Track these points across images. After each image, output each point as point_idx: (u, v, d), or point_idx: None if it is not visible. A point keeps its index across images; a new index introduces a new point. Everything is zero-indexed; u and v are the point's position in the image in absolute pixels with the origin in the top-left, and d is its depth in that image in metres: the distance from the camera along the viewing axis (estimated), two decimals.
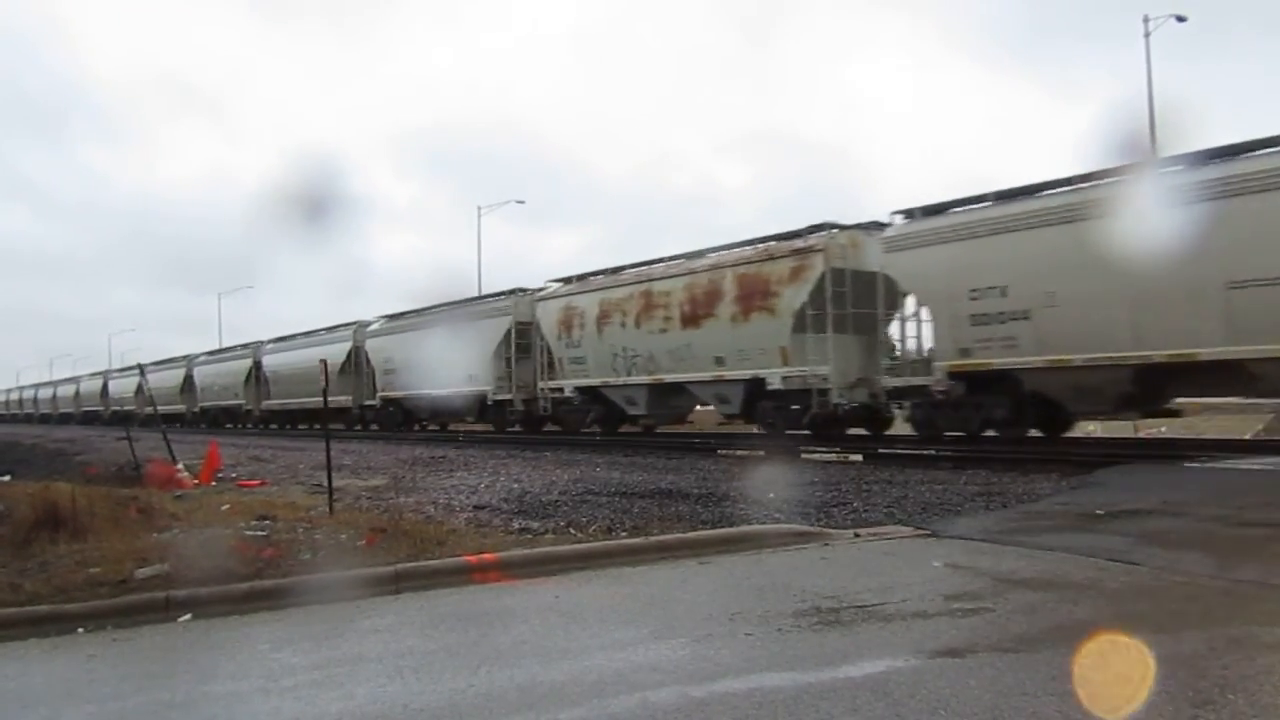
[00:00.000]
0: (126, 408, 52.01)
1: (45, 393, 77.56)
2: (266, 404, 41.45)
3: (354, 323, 35.71)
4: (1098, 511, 8.51)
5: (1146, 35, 31.53)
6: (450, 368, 26.89)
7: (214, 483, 14.15)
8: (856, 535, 7.80)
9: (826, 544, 7.47)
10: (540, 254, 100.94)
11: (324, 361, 14.38)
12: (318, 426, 35.89)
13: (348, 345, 34.87)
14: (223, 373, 46.56)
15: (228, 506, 9.99)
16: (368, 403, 33.83)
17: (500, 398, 27.11)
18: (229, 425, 45.14)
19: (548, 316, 25.65)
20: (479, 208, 49.98)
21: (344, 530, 8.00)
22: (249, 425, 43.21)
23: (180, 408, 48.74)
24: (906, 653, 4.39)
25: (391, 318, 33.51)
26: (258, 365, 42.62)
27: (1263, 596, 5.42)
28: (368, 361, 33.77)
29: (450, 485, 12.99)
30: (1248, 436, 19.41)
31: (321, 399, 12.08)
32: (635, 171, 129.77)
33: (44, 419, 72.43)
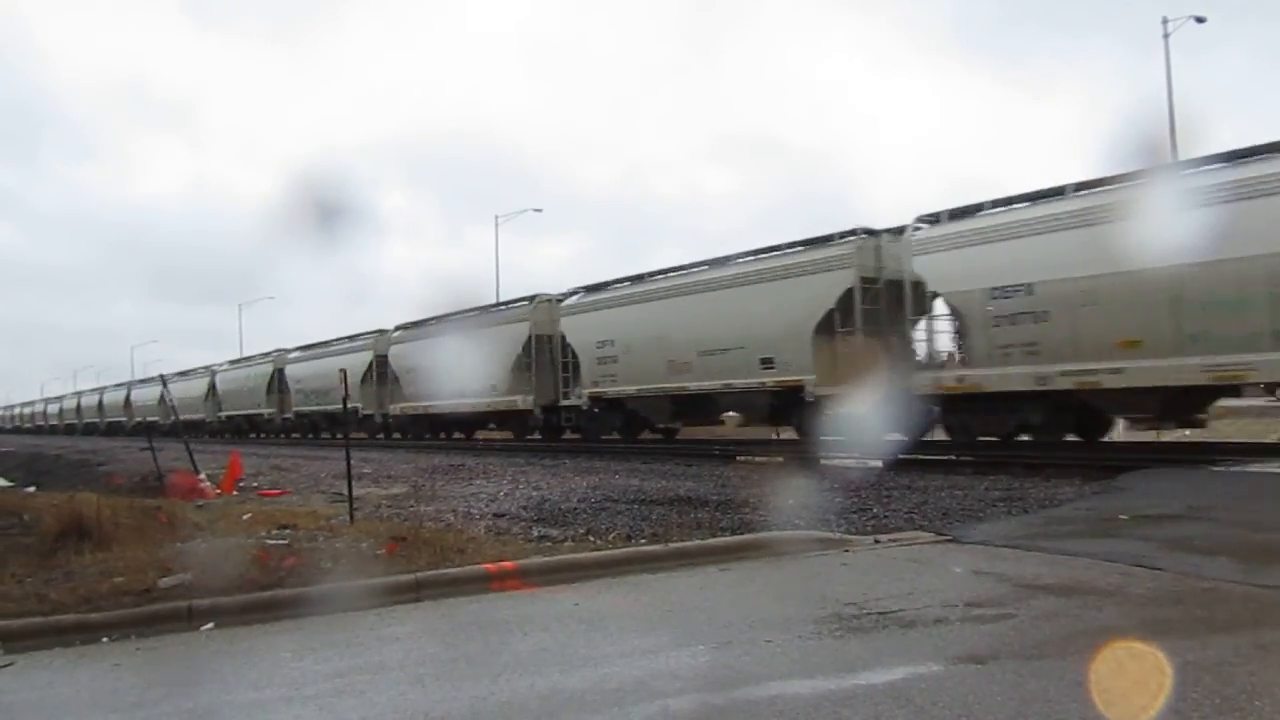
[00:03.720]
0: (150, 418, 52.51)
1: (70, 404, 78.45)
2: (289, 413, 41.69)
3: (375, 331, 35.74)
4: (1121, 516, 8.44)
5: (1166, 36, 31.15)
6: (471, 376, 26.79)
7: (236, 492, 14.27)
8: (877, 541, 7.75)
9: (846, 550, 7.43)
10: (531, 261, 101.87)
11: (344, 370, 14.45)
12: (340, 435, 36.25)
13: (369, 354, 34.90)
14: (245, 381, 46.85)
15: (249, 516, 10.05)
16: (390, 411, 33.85)
17: (521, 406, 27.08)
18: (252, 435, 45.44)
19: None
20: (496, 216, 50.15)
21: (365, 539, 8.03)
22: (271, 434, 43.48)
23: (203, 416, 49.14)
24: (928, 659, 4.36)
25: (413, 326, 33.35)
26: (280, 374, 42.83)
27: None
28: (390, 370, 33.78)
29: (470, 493, 13.02)
30: (1273, 439, 19.15)
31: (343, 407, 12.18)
32: (616, 179, 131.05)
33: (69, 430, 73.20)
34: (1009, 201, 16.19)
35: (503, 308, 29.59)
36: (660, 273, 23.71)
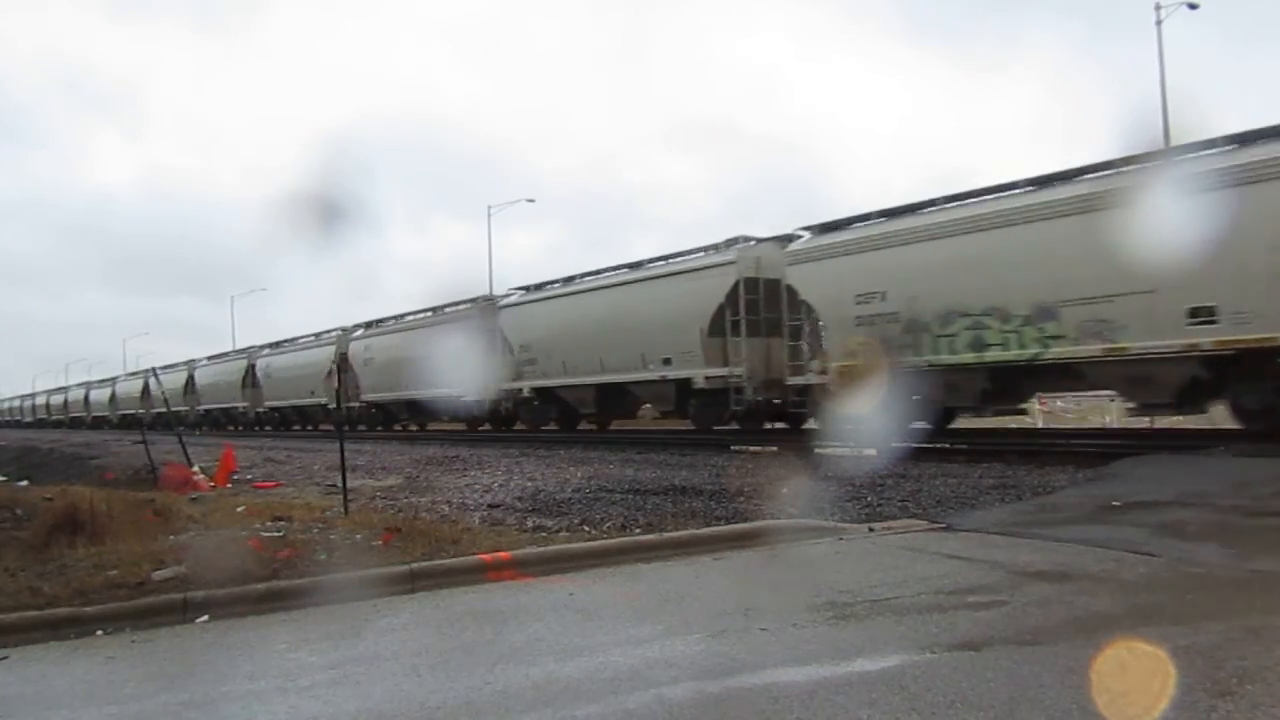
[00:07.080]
0: (137, 411, 52.64)
1: (57, 399, 78.67)
2: (262, 406, 43.05)
3: (338, 328, 37.21)
4: (1114, 503, 8.47)
5: (1158, 23, 31.05)
6: (423, 370, 28.11)
7: (229, 485, 14.22)
8: (871, 529, 7.77)
9: (841, 538, 7.46)
10: (502, 253, 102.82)
11: (335, 364, 14.49)
12: (310, 427, 37.04)
13: (333, 349, 36.11)
14: (221, 376, 48.00)
15: (243, 508, 10.03)
16: (352, 404, 34.98)
17: (467, 398, 28.17)
18: (229, 427, 45.91)
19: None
20: (489, 207, 50.22)
21: (359, 530, 8.03)
22: (245, 426, 44.51)
23: (183, 409, 49.53)
24: (922, 646, 4.38)
25: (372, 324, 35.17)
26: (252, 369, 44.12)
27: None
28: (350, 365, 35.04)
29: (464, 484, 13.01)
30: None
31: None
32: (581, 171, 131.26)
33: (57, 424, 73.22)
34: (867, 217, 18.01)
35: (451, 307, 30.74)
36: (589, 274, 25.88)
